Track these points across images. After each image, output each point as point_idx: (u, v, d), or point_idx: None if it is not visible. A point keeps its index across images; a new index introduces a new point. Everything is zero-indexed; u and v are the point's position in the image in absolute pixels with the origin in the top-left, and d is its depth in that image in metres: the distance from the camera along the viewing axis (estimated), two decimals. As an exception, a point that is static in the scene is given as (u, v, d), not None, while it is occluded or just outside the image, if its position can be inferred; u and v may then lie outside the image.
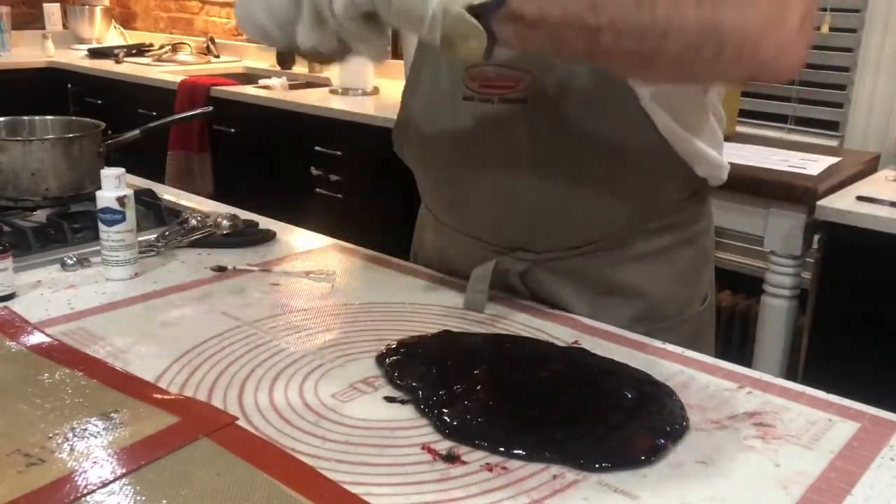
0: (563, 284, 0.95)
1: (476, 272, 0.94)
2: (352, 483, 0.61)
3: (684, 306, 0.98)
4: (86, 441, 0.65)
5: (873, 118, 2.26)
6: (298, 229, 1.23)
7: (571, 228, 0.92)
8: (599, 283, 0.94)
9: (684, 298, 0.98)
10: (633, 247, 0.93)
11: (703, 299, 1.01)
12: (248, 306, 0.94)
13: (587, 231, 0.92)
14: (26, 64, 3.73)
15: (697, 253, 0.98)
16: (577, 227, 0.92)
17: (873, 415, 0.73)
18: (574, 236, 0.92)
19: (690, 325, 0.98)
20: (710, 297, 1.02)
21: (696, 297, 1.00)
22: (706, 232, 1.00)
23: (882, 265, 1.70)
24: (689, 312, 0.98)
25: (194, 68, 3.58)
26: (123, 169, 1.02)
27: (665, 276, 0.95)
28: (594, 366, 0.79)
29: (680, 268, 0.96)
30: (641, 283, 0.94)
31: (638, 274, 0.94)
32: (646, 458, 0.64)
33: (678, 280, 0.97)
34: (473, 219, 0.97)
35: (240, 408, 0.71)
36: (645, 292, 0.94)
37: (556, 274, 0.95)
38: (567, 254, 0.93)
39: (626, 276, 0.94)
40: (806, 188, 1.80)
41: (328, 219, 2.33)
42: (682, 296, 0.98)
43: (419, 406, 0.72)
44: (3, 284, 0.93)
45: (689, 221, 0.96)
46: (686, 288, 0.98)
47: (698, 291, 1.00)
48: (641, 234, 0.93)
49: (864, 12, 2.24)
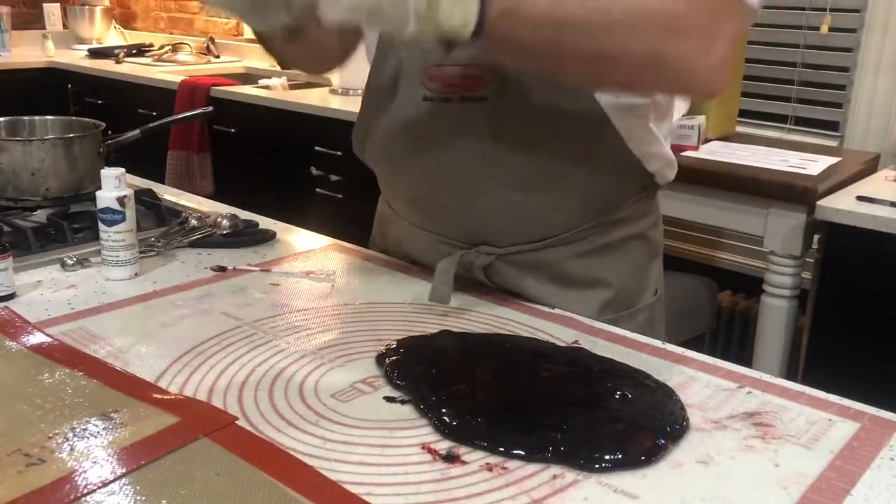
0: (525, 277, 0.98)
1: (441, 265, 0.95)
2: (352, 483, 0.61)
3: (637, 297, 1.02)
4: (86, 441, 0.65)
5: (873, 118, 2.26)
6: (298, 229, 1.23)
7: (531, 224, 0.95)
8: (561, 276, 0.97)
9: (636, 290, 1.02)
10: (590, 240, 0.96)
11: (654, 291, 1.05)
12: (248, 306, 0.94)
13: (547, 226, 0.95)
14: (26, 64, 3.73)
15: (648, 246, 1.03)
16: (537, 222, 0.95)
17: (873, 415, 0.73)
18: (534, 231, 0.95)
19: (643, 315, 1.02)
20: (660, 291, 1.06)
21: (648, 289, 1.04)
22: (655, 226, 1.04)
23: (882, 265, 1.70)
24: (642, 304, 1.02)
25: (194, 68, 3.58)
26: (123, 169, 1.02)
27: (620, 268, 0.99)
28: (594, 366, 0.79)
29: (633, 260, 1.01)
30: (599, 274, 0.98)
31: (596, 266, 0.98)
32: (646, 458, 0.64)
33: (631, 272, 1.01)
34: (434, 216, 1.00)
35: (240, 408, 0.71)
36: (603, 283, 0.98)
37: (518, 267, 0.98)
38: (528, 248, 0.96)
39: (586, 268, 0.97)
40: (806, 188, 1.80)
41: (328, 219, 2.33)
42: (636, 287, 1.02)
43: (419, 406, 0.72)
44: (3, 284, 0.93)
45: (640, 216, 1.00)
46: (639, 279, 1.02)
47: (649, 283, 1.04)
48: (597, 228, 0.96)
49: (864, 12, 2.24)
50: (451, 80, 0.91)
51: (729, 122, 2.26)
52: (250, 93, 2.93)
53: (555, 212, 0.94)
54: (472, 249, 0.97)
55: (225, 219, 1.18)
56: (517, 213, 0.94)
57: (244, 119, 2.94)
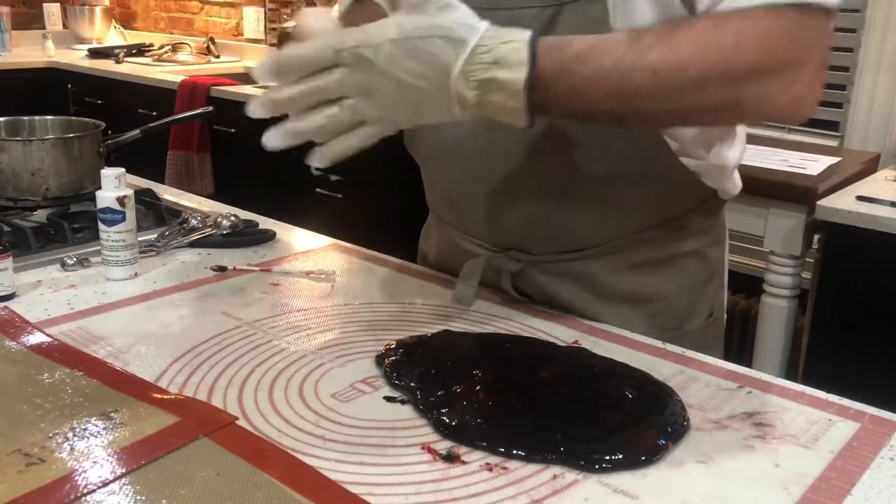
0: (557, 286, 0.94)
1: (466, 267, 0.94)
2: (352, 483, 0.61)
3: (686, 319, 0.95)
4: (86, 441, 0.65)
5: (873, 118, 2.26)
6: (298, 229, 1.23)
7: (566, 233, 0.91)
8: (595, 288, 0.93)
9: (686, 311, 0.95)
10: (633, 253, 0.92)
11: (708, 314, 0.98)
12: (248, 306, 0.94)
13: (583, 237, 0.91)
14: (26, 64, 3.73)
15: (704, 265, 0.96)
16: (572, 232, 0.91)
17: (873, 415, 0.73)
18: (569, 241, 0.92)
19: (691, 339, 0.93)
20: (716, 313, 0.99)
21: (700, 312, 0.97)
22: (715, 244, 0.98)
23: (882, 265, 1.70)
24: (691, 326, 0.95)
25: (194, 68, 3.58)
26: (123, 169, 1.02)
27: (667, 287, 0.93)
28: (594, 366, 0.79)
29: (683, 279, 0.94)
30: (641, 290, 0.93)
31: (637, 281, 0.92)
32: (646, 459, 0.64)
33: (681, 291, 0.94)
34: (468, 218, 0.98)
35: (240, 408, 0.71)
36: (644, 300, 0.93)
37: (552, 275, 0.94)
38: (562, 257, 0.93)
39: (625, 283, 0.92)
40: (806, 188, 1.80)
41: (328, 219, 2.34)
42: (684, 308, 0.95)
43: (418, 406, 0.71)
44: (3, 284, 0.93)
45: (697, 233, 0.94)
46: (689, 300, 0.95)
47: (702, 305, 0.97)
48: (642, 242, 0.91)
49: (864, 12, 2.24)
50: None
51: (729, 122, 2.26)
52: (250, 93, 2.93)
53: (592, 222, 0.90)
54: (501, 254, 0.95)
55: (225, 219, 1.18)
56: (552, 222, 0.90)
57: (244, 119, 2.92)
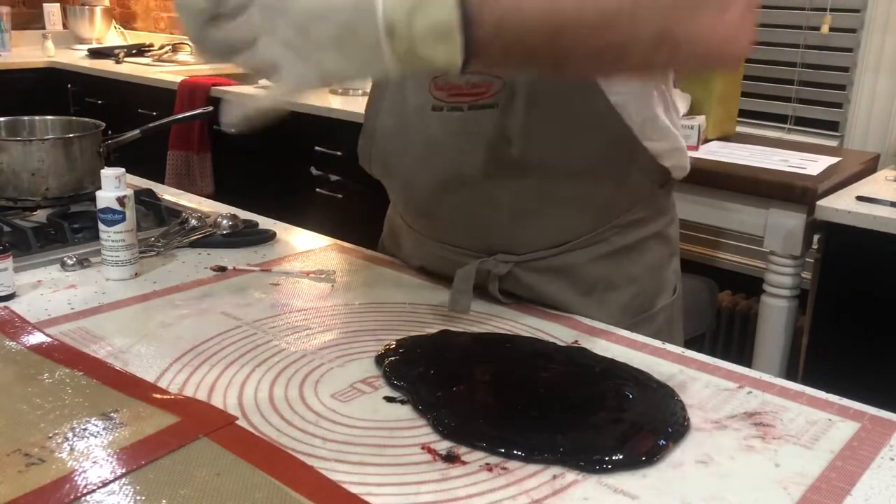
0: (546, 283, 0.96)
1: (460, 273, 0.94)
2: (352, 483, 0.61)
3: (657, 297, 1.00)
4: (86, 441, 0.65)
5: (873, 118, 2.26)
6: (298, 229, 1.23)
7: (548, 229, 0.93)
8: (581, 280, 0.95)
9: (657, 290, 1.00)
10: (608, 242, 0.95)
11: (672, 290, 1.03)
12: (248, 306, 0.94)
13: (564, 230, 0.93)
14: (26, 64, 3.73)
15: (666, 244, 1.01)
16: (554, 226, 0.93)
17: (873, 415, 0.73)
18: (551, 236, 0.94)
19: (664, 315, 1.00)
20: (678, 289, 1.04)
21: (667, 289, 1.02)
22: (672, 224, 1.03)
23: (882, 265, 1.70)
24: (662, 304, 1.00)
25: (194, 68, 3.57)
26: (123, 169, 1.02)
27: (639, 269, 0.97)
28: (594, 365, 0.79)
29: (652, 259, 0.99)
30: (620, 276, 0.96)
31: (616, 267, 0.96)
32: (646, 459, 0.64)
33: (652, 272, 0.99)
34: (449, 227, 0.98)
35: (240, 408, 0.71)
36: (623, 285, 0.96)
37: (539, 272, 0.96)
38: (547, 253, 0.94)
39: (606, 271, 0.95)
40: (806, 188, 1.80)
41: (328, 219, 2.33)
42: (655, 287, 1.00)
43: (417, 406, 0.71)
44: (3, 284, 0.93)
45: (657, 215, 0.98)
46: (659, 279, 1.00)
47: (668, 282, 1.02)
48: (615, 230, 0.95)
49: (864, 12, 2.24)
50: (460, 88, 0.89)
51: (729, 122, 2.26)
52: (250, 93, 2.93)
53: (573, 216, 0.92)
54: (489, 258, 0.95)
55: (225, 219, 1.18)
56: (534, 221, 0.92)
57: (244, 119, 2.93)
